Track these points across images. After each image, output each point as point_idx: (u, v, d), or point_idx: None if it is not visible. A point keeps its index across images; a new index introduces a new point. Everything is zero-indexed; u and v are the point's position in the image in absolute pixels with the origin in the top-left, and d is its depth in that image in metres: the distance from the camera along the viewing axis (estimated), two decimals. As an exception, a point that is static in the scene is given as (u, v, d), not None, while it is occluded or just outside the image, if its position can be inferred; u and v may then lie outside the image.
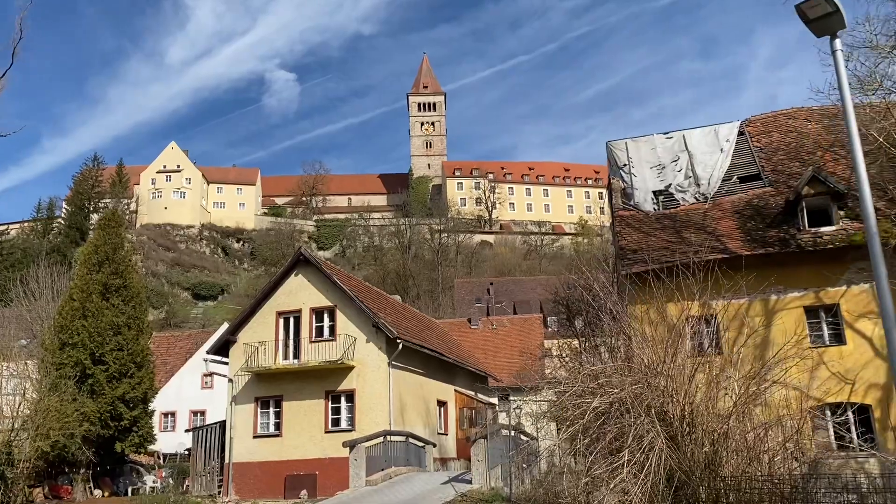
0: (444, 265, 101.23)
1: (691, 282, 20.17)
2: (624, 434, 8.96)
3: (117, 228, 28.50)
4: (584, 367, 10.17)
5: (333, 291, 25.05)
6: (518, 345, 49.08)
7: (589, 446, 8.93)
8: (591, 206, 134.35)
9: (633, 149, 25.82)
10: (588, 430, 8.99)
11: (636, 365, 9.89)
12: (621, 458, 8.86)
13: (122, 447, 26.90)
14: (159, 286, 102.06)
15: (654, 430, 8.91)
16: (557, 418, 9.99)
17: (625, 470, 8.56)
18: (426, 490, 16.35)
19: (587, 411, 8.97)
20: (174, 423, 45.83)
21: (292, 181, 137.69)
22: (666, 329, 12.57)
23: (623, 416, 9.20)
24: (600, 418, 9.08)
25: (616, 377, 9.46)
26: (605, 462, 8.79)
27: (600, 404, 8.87)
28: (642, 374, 9.60)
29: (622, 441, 9.01)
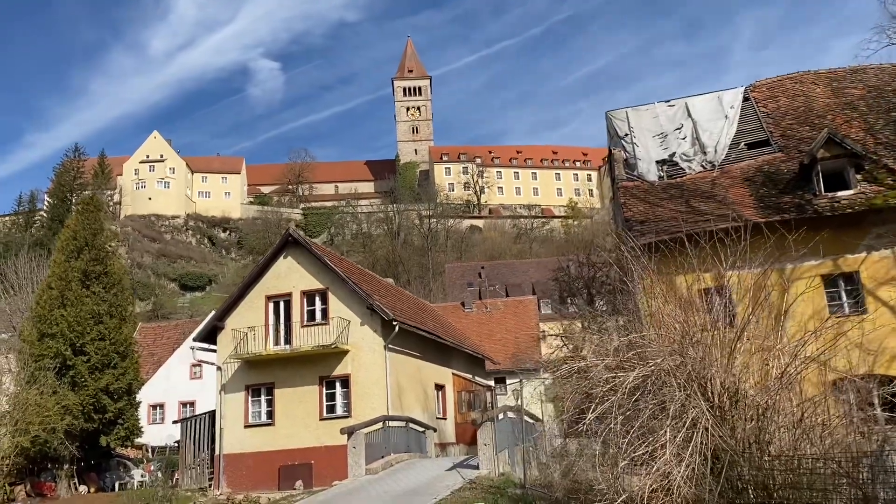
0: (433, 250, 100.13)
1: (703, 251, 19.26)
2: (664, 410, 7.95)
3: (96, 213, 27.17)
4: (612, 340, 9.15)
5: (325, 273, 23.94)
6: (513, 328, 48.30)
7: (624, 425, 7.92)
8: (579, 188, 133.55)
9: (634, 118, 24.82)
10: (622, 407, 7.97)
11: (671, 334, 8.88)
12: (660, 437, 7.85)
13: (108, 441, 25.74)
14: (145, 278, 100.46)
15: (696, 404, 7.90)
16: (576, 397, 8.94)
17: (668, 449, 7.56)
18: (430, 477, 15.35)
19: (620, 386, 7.95)
20: (163, 415, 44.60)
21: (278, 169, 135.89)
22: (678, 301, 11.68)
23: (660, 391, 8.19)
24: (634, 394, 8.06)
25: (654, 347, 8.45)
26: (641, 442, 7.77)
27: (635, 378, 7.85)
28: (679, 345, 8.60)
29: (661, 418, 8.00)
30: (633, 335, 8.94)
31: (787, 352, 9.14)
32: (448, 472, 16.06)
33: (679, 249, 19.11)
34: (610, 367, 8.21)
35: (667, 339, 8.77)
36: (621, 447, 7.79)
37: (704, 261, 17.75)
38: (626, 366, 8.25)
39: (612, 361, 8.26)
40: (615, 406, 7.87)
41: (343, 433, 17.38)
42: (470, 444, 28.86)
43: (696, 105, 24.25)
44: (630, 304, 20.06)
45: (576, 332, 27.65)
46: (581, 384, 8.45)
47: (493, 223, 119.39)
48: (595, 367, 8.46)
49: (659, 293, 9.69)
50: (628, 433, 8.26)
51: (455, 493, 13.11)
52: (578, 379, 8.68)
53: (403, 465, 18.17)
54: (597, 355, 8.83)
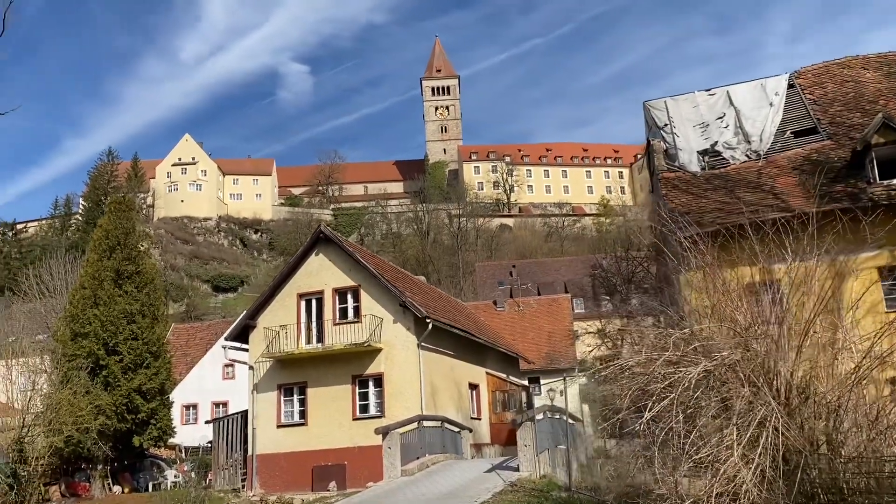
0: (463, 249, 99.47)
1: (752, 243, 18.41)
2: (728, 408, 7.29)
3: (128, 213, 27.10)
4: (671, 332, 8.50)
5: (356, 270, 23.52)
6: (546, 326, 47.49)
7: (684, 424, 7.28)
8: (611, 185, 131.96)
9: (674, 108, 24.01)
10: (682, 404, 7.33)
11: (734, 327, 8.21)
12: (726, 437, 7.20)
13: (141, 441, 25.61)
14: (178, 279, 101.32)
15: (765, 400, 7.24)
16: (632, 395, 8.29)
17: (734, 450, 6.91)
18: (469, 479, 14.79)
19: (681, 382, 7.31)
20: (196, 415, 44.62)
21: (308, 171, 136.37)
22: (739, 292, 11.00)
23: (723, 387, 7.54)
24: (696, 391, 7.42)
25: (718, 339, 7.80)
26: (704, 442, 7.13)
27: (698, 373, 7.21)
28: (742, 338, 7.93)
29: (725, 417, 7.35)
30: (694, 327, 8.28)
31: (858, 347, 8.42)
32: (487, 473, 15.48)
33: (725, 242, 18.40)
34: (670, 362, 7.57)
35: (730, 332, 8.10)
36: (683, 448, 7.14)
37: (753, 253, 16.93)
38: (685, 361, 7.61)
39: (672, 355, 7.61)
40: (675, 403, 7.23)
41: (378, 433, 16.90)
42: (505, 444, 28.26)
43: (737, 93, 23.38)
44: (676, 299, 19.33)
45: (615, 329, 26.85)
46: (635, 381, 7.82)
47: (524, 222, 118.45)
48: (651, 363, 7.82)
49: (719, 285, 8.95)
50: (689, 433, 7.61)
51: (496, 496, 12.53)
52: (632, 376, 8.04)
53: (440, 466, 17.63)
54: (652, 350, 8.18)
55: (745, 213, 18.36)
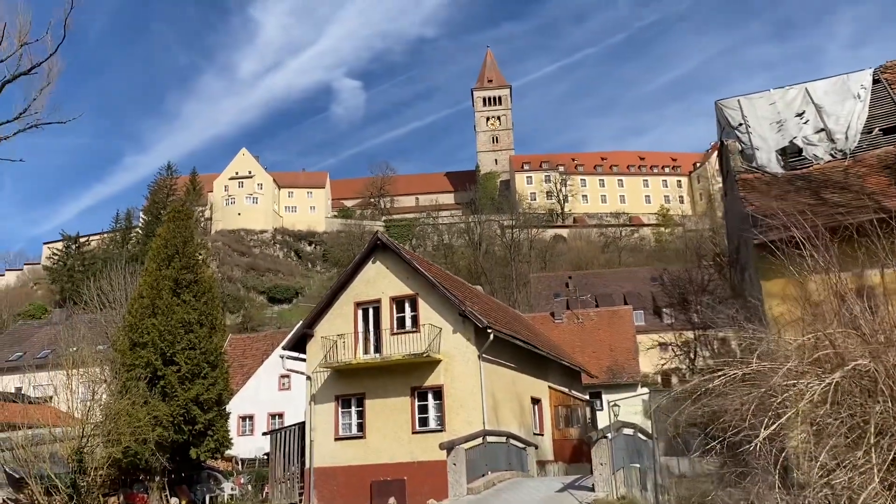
0: (517, 261, 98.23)
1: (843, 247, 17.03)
2: (861, 424, 6.25)
3: (186, 221, 27.01)
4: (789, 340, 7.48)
5: (414, 279, 22.83)
6: (607, 339, 46.00)
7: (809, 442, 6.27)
8: (669, 195, 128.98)
9: (748, 106, 22.68)
10: (808, 421, 6.32)
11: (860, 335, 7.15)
12: (861, 459, 6.15)
13: (198, 453, 25.28)
14: (235, 291, 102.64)
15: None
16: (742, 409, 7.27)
17: (875, 475, 5.87)
18: (539, 499, 13.82)
19: (805, 395, 6.29)
20: (252, 426, 44.59)
21: (360, 183, 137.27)
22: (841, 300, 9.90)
23: (854, 401, 6.48)
24: (823, 405, 6.39)
25: (852, 346, 6.78)
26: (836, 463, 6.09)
27: (827, 384, 6.18)
28: (874, 346, 6.87)
29: (859, 435, 6.30)
30: (822, 331, 7.25)
31: None
32: (559, 493, 14.51)
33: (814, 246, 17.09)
34: (796, 372, 6.56)
35: (860, 340, 7.04)
36: (810, 470, 6.12)
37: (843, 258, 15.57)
38: (809, 370, 6.59)
39: (797, 364, 6.60)
40: (800, 419, 6.23)
41: (442, 448, 16.08)
42: (569, 462, 27.13)
43: (817, 89, 21.93)
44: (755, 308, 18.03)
45: (689, 340, 25.51)
46: (748, 394, 6.81)
47: (578, 232, 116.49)
48: (762, 374, 6.83)
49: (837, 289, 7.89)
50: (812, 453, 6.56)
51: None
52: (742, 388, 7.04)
53: (507, 484, 16.69)
54: (768, 359, 7.17)
55: (832, 215, 17.08)
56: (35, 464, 20.21)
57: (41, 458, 20.58)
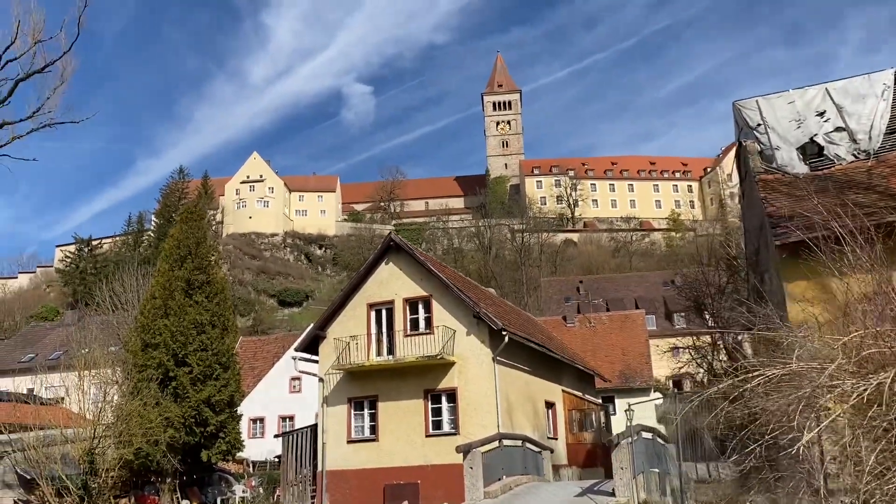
0: (527, 265, 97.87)
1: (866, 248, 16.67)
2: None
3: (199, 222, 26.92)
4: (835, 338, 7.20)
5: (428, 280, 22.61)
6: (619, 343, 45.64)
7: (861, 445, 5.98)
8: (680, 199, 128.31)
9: (767, 107, 22.36)
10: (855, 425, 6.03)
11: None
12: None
13: (209, 455, 25.11)
14: (246, 294, 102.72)
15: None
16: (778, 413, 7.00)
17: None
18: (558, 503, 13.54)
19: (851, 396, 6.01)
20: (262, 429, 44.47)
21: (370, 187, 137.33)
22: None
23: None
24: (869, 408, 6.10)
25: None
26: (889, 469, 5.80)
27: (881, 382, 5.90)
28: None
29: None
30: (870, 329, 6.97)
31: None
32: (578, 498, 14.21)
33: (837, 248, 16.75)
34: (843, 372, 6.27)
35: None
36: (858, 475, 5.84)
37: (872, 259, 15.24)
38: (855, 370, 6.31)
39: (845, 363, 6.31)
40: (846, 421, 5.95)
41: (458, 451, 15.82)
42: (583, 466, 26.80)
43: (837, 89, 21.59)
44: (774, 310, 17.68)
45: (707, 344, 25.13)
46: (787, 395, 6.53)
47: (589, 237, 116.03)
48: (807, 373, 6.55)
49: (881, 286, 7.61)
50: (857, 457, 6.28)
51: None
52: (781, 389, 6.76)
53: (524, 488, 16.41)
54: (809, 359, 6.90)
55: (857, 216, 16.73)
56: (46, 465, 20.11)
57: (52, 460, 20.47)
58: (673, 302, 72.89)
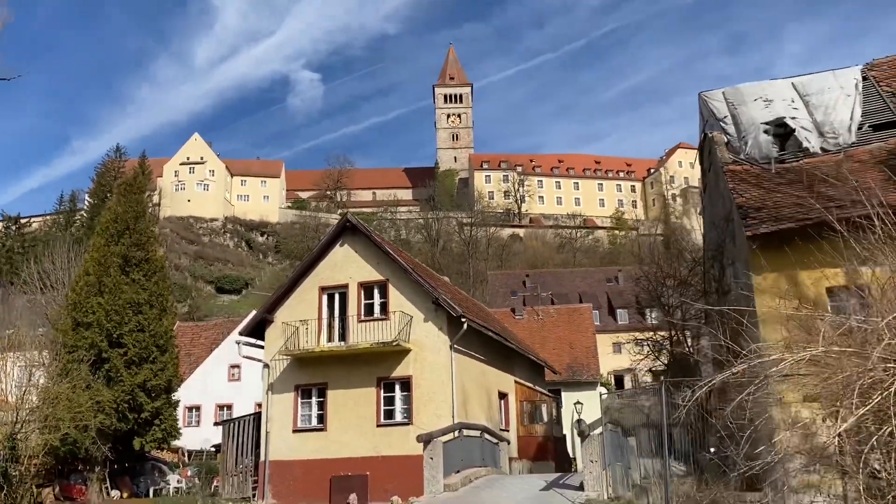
0: (474, 258, 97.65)
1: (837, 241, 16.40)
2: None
3: (139, 196, 25.27)
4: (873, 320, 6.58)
5: (385, 264, 21.63)
6: (567, 336, 45.51)
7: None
8: (623, 199, 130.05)
9: (735, 97, 22.14)
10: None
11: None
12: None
13: (143, 442, 23.59)
14: (182, 279, 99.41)
15: None
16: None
17: None
18: (526, 499, 12.76)
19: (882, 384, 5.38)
20: (199, 417, 42.72)
21: (317, 175, 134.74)
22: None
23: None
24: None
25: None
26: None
27: None
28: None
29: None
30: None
31: None
32: (543, 492, 13.51)
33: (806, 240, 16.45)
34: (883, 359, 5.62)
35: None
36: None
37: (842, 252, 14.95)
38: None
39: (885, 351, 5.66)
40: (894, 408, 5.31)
41: (419, 441, 14.92)
42: (534, 459, 26.30)
43: (804, 83, 21.55)
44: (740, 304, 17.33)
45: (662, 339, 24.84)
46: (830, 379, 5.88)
47: (534, 233, 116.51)
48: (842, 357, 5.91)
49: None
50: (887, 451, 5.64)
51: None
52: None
53: (483, 481, 15.65)
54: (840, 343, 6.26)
55: (829, 208, 16.52)
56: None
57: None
58: (616, 298, 73.67)
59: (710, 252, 21.90)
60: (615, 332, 68.03)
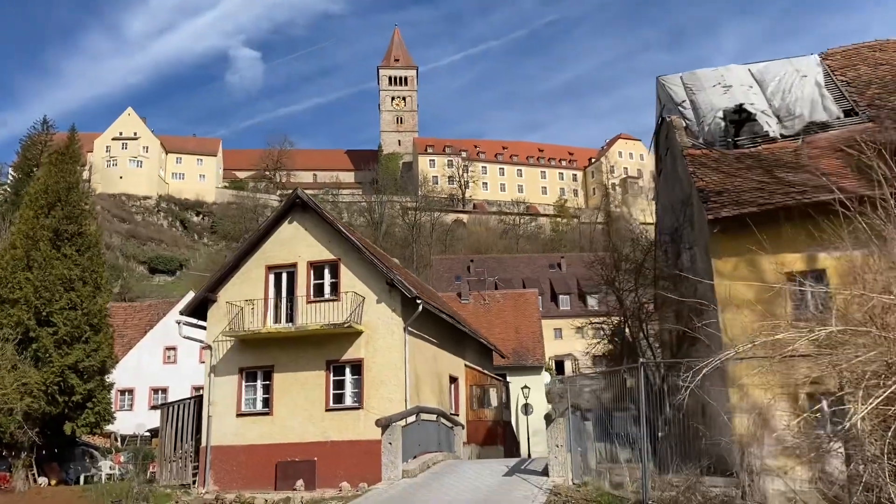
0: (418, 243, 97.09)
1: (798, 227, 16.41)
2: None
3: (72, 165, 23.68)
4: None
5: (337, 243, 20.83)
6: (513, 321, 45.46)
7: None
8: (565, 187, 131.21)
9: (692, 82, 22.08)
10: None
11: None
12: None
13: (73, 427, 22.24)
14: (113, 259, 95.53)
15: None
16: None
17: None
18: (489, 485, 12.28)
19: None
20: (132, 401, 41.07)
21: (255, 154, 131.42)
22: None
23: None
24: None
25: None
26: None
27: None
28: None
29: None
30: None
31: None
32: (506, 477, 13.07)
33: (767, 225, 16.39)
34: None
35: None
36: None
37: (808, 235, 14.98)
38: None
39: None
40: None
41: (378, 425, 14.25)
42: (482, 444, 26.01)
43: (760, 70, 21.61)
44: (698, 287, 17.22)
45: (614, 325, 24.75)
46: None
47: (478, 218, 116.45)
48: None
49: None
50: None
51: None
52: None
53: (442, 466, 15.13)
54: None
55: (789, 193, 16.56)
56: None
57: None
58: (559, 284, 74.19)
59: (666, 236, 21.88)
60: (557, 317, 68.59)
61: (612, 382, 16.81)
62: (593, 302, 70.27)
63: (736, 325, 16.12)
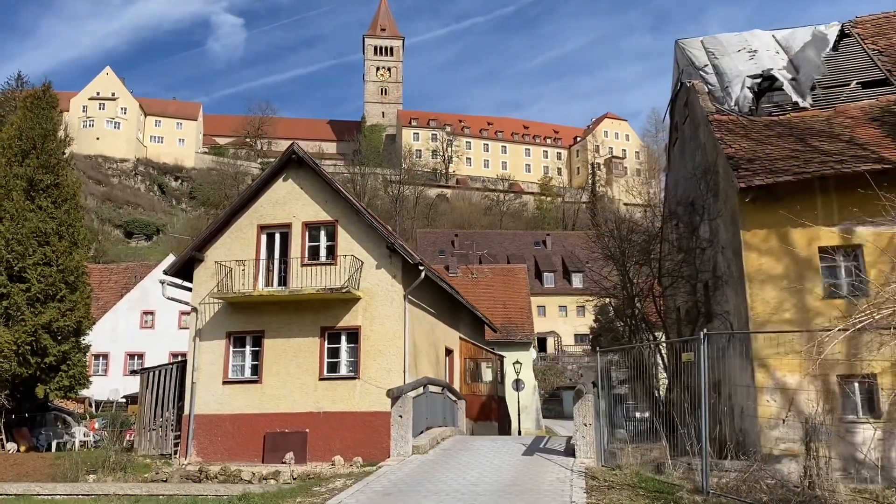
0: (401, 216, 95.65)
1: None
2: None
3: (49, 111, 22.02)
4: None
5: (334, 203, 19.58)
6: (501, 296, 44.61)
7: None
8: (549, 165, 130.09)
9: (715, 45, 20.99)
10: None
11: None
12: None
13: (46, 390, 20.86)
14: (88, 221, 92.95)
15: None
16: None
17: None
18: (511, 465, 11.13)
19: None
20: (107, 366, 39.57)
21: (236, 121, 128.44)
22: None
23: None
24: None
25: None
26: None
27: None
28: None
29: None
30: None
31: None
32: (526, 457, 11.99)
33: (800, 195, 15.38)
34: None
35: None
36: None
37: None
38: None
39: None
40: None
41: (389, 396, 13.05)
42: (477, 419, 25.07)
43: (785, 36, 20.56)
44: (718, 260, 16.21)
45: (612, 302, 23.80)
46: None
47: (461, 194, 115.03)
48: None
49: None
50: None
51: (593, 496, 8.74)
52: None
53: (451, 442, 14.04)
54: None
55: (827, 162, 15.55)
56: None
57: None
58: (544, 261, 73.41)
59: (680, 208, 20.84)
60: (542, 294, 67.88)
61: (632, 358, 15.80)
62: (577, 281, 69.83)
63: (760, 300, 15.24)
